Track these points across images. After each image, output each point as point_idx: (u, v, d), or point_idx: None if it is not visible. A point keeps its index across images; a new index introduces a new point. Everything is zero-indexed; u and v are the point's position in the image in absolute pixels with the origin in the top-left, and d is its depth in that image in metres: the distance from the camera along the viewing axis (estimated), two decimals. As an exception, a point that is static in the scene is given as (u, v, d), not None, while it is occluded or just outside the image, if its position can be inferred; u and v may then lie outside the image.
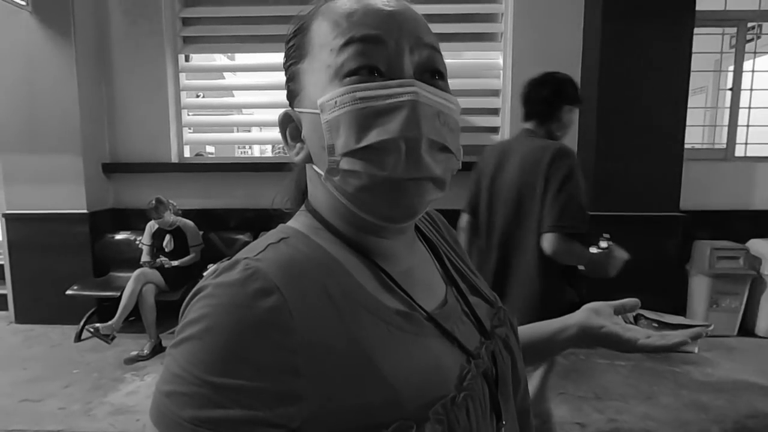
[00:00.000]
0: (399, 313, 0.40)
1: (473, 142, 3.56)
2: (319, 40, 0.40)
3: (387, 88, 0.37)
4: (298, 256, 0.38)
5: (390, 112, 0.36)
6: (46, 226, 3.39)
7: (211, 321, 0.33)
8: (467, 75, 3.60)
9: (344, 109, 0.37)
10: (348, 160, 0.37)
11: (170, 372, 0.34)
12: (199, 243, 3.25)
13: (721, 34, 3.60)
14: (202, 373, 0.32)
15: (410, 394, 0.36)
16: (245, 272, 0.35)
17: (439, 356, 0.40)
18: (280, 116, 0.44)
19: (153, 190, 3.32)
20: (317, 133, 0.39)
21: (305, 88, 0.41)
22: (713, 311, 3.18)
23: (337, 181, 0.39)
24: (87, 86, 3.38)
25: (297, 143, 0.43)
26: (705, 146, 3.80)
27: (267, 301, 0.34)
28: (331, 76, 0.38)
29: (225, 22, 3.51)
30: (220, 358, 0.32)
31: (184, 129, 3.67)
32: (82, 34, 3.32)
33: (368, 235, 0.42)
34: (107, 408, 2.31)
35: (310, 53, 0.41)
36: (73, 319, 3.24)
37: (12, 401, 2.37)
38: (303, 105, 0.41)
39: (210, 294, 0.35)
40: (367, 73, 0.38)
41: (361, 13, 0.39)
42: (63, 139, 3.32)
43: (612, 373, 2.68)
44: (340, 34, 0.38)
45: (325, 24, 0.40)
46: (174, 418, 0.32)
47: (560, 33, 3.32)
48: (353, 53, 0.37)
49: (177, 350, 0.34)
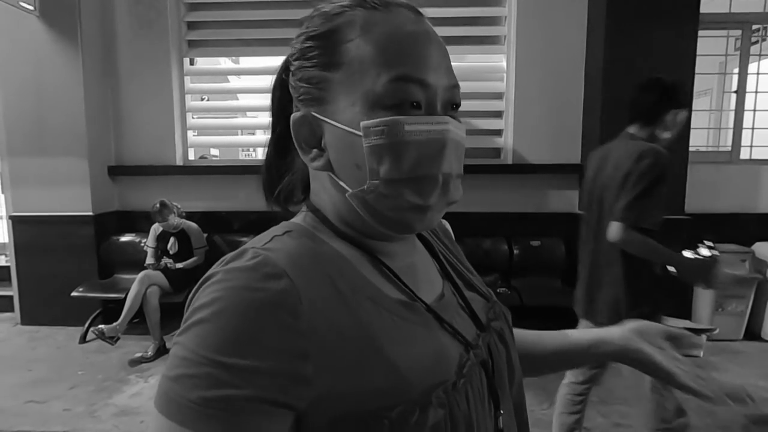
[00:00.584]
0: (401, 304, 0.42)
1: (477, 145, 3.57)
2: (361, 60, 0.40)
3: (428, 123, 0.40)
4: (303, 248, 0.40)
5: (430, 146, 0.40)
6: (52, 229, 3.42)
7: (222, 303, 0.34)
8: (471, 78, 3.60)
9: (391, 138, 0.39)
10: (389, 185, 0.39)
11: (178, 357, 0.34)
12: (203, 245, 3.27)
13: (725, 36, 3.59)
14: (212, 354, 0.33)
15: (414, 379, 0.38)
16: (255, 259, 0.37)
17: (440, 345, 0.42)
18: (296, 118, 0.43)
19: (158, 192, 3.34)
20: (352, 150, 0.40)
21: (336, 102, 0.41)
22: (719, 315, 3.16)
23: (370, 199, 0.40)
24: (93, 90, 3.41)
25: (313, 149, 0.43)
26: (710, 149, 3.78)
27: (277, 284, 0.36)
28: (373, 102, 0.39)
29: (229, 26, 3.53)
30: (231, 338, 0.33)
31: (189, 132, 3.69)
32: (88, 38, 3.36)
33: (371, 238, 0.45)
34: (112, 409, 2.33)
35: (348, 67, 0.40)
36: (79, 321, 3.26)
37: (18, 402, 2.39)
38: (332, 117, 0.41)
39: (221, 279, 0.36)
40: (409, 107, 0.40)
41: (406, 44, 0.40)
42: (69, 142, 3.35)
43: (617, 376, 2.65)
44: (386, 64, 0.39)
45: (367, 46, 0.40)
46: (182, 401, 0.33)
47: (564, 36, 3.32)
48: (399, 89, 0.39)
49: (185, 336, 0.35)
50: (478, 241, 3.40)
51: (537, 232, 3.43)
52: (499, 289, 3.15)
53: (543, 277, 3.34)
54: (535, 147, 3.44)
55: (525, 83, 3.38)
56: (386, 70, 0.39)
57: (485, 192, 3.48)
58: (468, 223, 3.42)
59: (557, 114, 3.41)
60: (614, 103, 3.08)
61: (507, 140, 3.48)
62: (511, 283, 3.30)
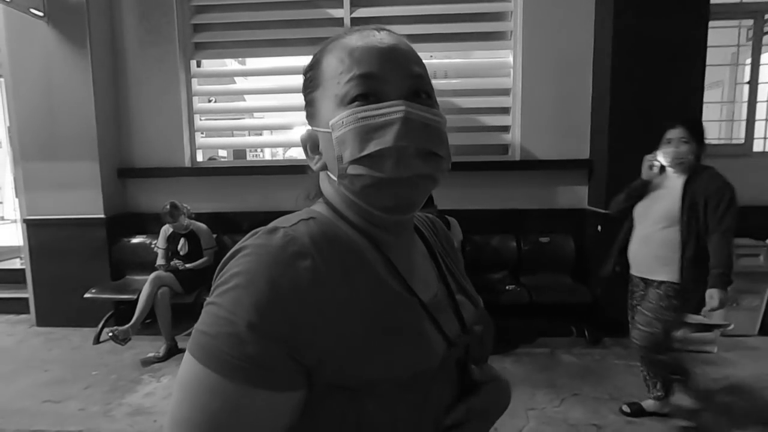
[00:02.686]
0: (401, 297, 0.49)
1: (484, 142, 3.56)
2: (329, 73, 0.49)
3: (380, 108, 0.46)
4: (325, 233, 0.47)
5: (385, 127, 0.46)
6: (65, 231, 3.47)
7: (256, 274, 0.40)
8: (477, 74, 3.58)
9: (349, 127, 0.46)
10: (354, 166, 0.47)
11: (217, 316, 0.40)
12: (212, 246, 3.29)
13: (737, 26, 3.52)
14: (247, 315, 0.39)
15: (403, 362, 0.45)
16: (285, 238, 0.43)
17: (428, 338, 0.49)
18: (303, 135, 0.54)
19: (167, 194, 3.38)
20: (330, 147, 0.49)
21: (320, 112, 0.51)
22: (733, 310, 3.11)
23: (346, 183, 0.48)
24: (102, 94, 3.46)
25: (315, 155, 0.53)
26: (722, 142, 3.72)
27: (303, 262, 0.42)
28: (338, 102, 0.48)
29: (235, 27, 3.55)
30: (263, 304, 0.39)
31: (197, 134, 3.72)
32: (97, 43, 3.40)
33: (373, 226, 0.51)
34: (125, 409, 2.36)
35: (323, 84, 0.50)
36: (92, 322, 3.31)
37: (35, 402, 2.43)
38: (319, 125, 0.51)
39: (254, 252, 0.42)
40: (365, 99, 0.47)
41: (360, 51, 0.48)
42: (80, 146, 3.40)
43: (628, 374, 2.64)
44: (345, 70, 0.48)
45: (333, 60, 0.49)
46: (223, 356, 0.39)
47: (571, 30, 3.28)
48: (354, 85, 0.47)
49: (222, 298, 0.41)
50: (486, 238, 3.38)
51: (546, 229, 3.40)
52: (507, 286, 3.14)
53: (552, 273, 3.31)
54: (543, 143, 3.41)
55: (532, 79, 3.35)
56: (346, 73, 0.47)
57: (493, 189, 3.46)
58: (476, 220, 3.41)
59: (565, 109, 3.37)
60: (623, 97, 3.04)
61: (514, 136, 3.45)
62: (520, 280, 3.28)
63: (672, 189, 2.05)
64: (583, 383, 2.55)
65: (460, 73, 3.66)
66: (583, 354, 2.93)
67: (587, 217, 3.37)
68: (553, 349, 3.00)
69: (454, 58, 3.72)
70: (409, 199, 0.48)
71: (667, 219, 2.03)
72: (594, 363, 2.81)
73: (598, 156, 3.24)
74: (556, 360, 2.86)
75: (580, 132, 3.36)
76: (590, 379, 2.61)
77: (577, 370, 2.72)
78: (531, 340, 3.12)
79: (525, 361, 2.82)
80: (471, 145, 3.53)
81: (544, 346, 3.05)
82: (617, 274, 2.26)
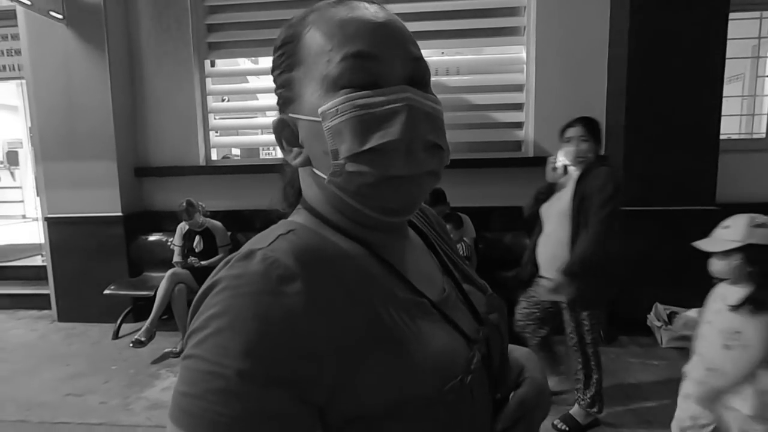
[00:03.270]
0: (409, 302, 0.42)
1: (497, 138, 3.53)
2: (314, 49, 0.41)
3: (383, 95, 0.39)
4: (310, 247, 0.40)
5: (388, 117, 0.39)
6: (84, 229, 3.56)
7: (239, 311, 0.33)
8: (490, 71, 3.56)
9: (345, 116, 0.39)
10: (352, 162, 0.39)
11: (199, 371, 0.33)
12: (227, 243, 3.34)
13: (758, 18, 3.43)
14: (238, 363, 0.32)
15: (424, 377, 0.38)
16: (265, 261, 0.36)
17: (447, 342, 0.43)
18: (275, 122, 0.45)
19: (182, 192, 3.43)
20: (318, 138, 0.41)
21: (302, 96, 0.42)
22: (753, 309, 3.04)
23: (339, 182, 0.41)
24: (119, 94, 3.52)
25: (294, 148, 0.45)
26: (742, 136, 3.64)
27: (291, 287, 0.35)
28: (328, 85, 0.40)
29: (248, 27, 3.58)
30: (254, 346, 0.32)
31: (211, 132, 3.77)
32: (114, 44, 3.46)
33: (365, 228, 0.44)
34: (144, 403, 2.41)
35: (305, 62, 0.42)
36: (111, 318, 3.39)
37: (58, 396, 2.50)
38: (300, 112, 0.42)
39: (230, 286, 0.35)
40: (363, 83, 0.40)
41: (354, 26, 0.40)
42: (98, 145, 3.47)
43: (644, 372, 2.60)
44: (336, 46, 0.40)
45: (318, 34, 0.41)
46: (216, 418, 0.31)
47: (586, 24, 3.23)
48: (349, 66, 0.40)
49: (202, 348, 0.33)
50: (498, 235, 3.36)
51: (560, 226, 3.36)
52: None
53: (567, 271, 3.27)
54: (557, 139, 3.36)
55: (545, 74, 3.32)
56: (336, 51, 0.40)
57: (505, 186, 3.43)
58: (488, 217, 3.39)
59: (579, 105, 3.32)
60: (640, 92, 2.99)
61: (527, 133, 3.42)
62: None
63: (569, 188, 2.05)
64: (598, 382, 2.52)
65: (472, 69, 3.63)
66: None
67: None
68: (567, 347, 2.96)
69: (466, 54, 3.69)
70: (415, 199, 0.42)
71: (562, 217, 2.02)
72: (609, 361, 2.77)
73: (614, 152, 3.19)
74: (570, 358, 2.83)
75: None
76: (606, 377, 2.57)
77: (591, 369, 2.69)
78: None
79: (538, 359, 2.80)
80: (483, 142, 3.51)
81: (559, 344, 3.02)
82: (531, 277, 2.23)
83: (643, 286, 3.05)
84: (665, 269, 3.04)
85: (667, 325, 2.89)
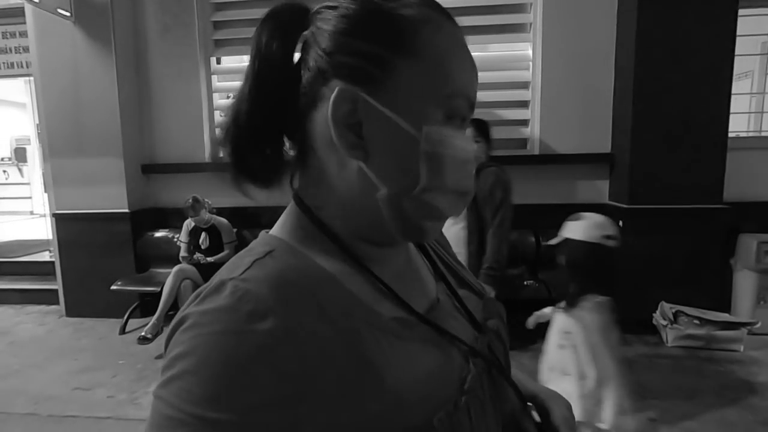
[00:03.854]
0: (395, 320, 0.40)
1: (503, 136, 3.51)
2: (438, 60, 0.38)
3: (469, 142, 0.41)
4: (287, 272, 0.36)
5: (466, 163, 0.41)
6: (92, 225, 3.59)
7: (204, 352, 0.31)
8: (495, 68, 3.54)
9: (449, 150, 0.38)
10: (434, 194, 0.39)
11: (162, 415, 0.31)
12: (233, 240, 3.36)
13: (768, 14, 3.39)
14: (201, 411, 0.30)
15: (414, 403, 0.36)
16: (234, 295, 0.33)
17: (439, 359, 0.40)
18: (342, 91, 0.37)
19: (188, 189, 3.44)
20: (400, 149, 0.38)
21: (396, 92, 0.37)
22: (760, 308, 3.02)
23: (408, 205, 0.39)
24: (126, 91, 3.54)
25: (350, 133, 0.38)
26: (751, 134, 3.60)
27: (262, 324, 0.32)
28: (434, 107, 0.38)
29: (254, 24, 3.54)
30: (219, 391, 0.30)
31: (217, 130, 3.78)
32: (121, 42, 3.48)
33: (364, 242, 0.42)
34: (151, 397, 2.43)
35: (421, 60, 0.38)
36: (118, 313, 3.42)
37: (66, 390, 2.53)
38: (388, 106, 0.37)
39: (197, 323, 0.32)
40: (458, 122, 0.41)
41: (470, 66, 0.41)
42: (105, 142, 3.50)
43: (652, 371, 2.59)
44: (457, 75, 0.39)
45: (442, 48, 0.39)
46: None
47: (593, 20, 3.21)
48: (461, 104, 0.40)
49: (167, 390, 0.31)
50: (504, 233, 3.35)
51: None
52: (526, 281, 3.11)
53: (572, 269, 3.27)
54: (563, 136, 3.36)
55: (552, 71, 3.30)
56: (457, 80, 0.39)
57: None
58: (494, 215, 3.38)
59: (586, 102, 3.31)
60: (647, 89, 2.97)
61: (533, 130, 3.41)
62: (539, 275, 3.24)
63: None
64: (602, 380, 2.51)
65: (477, 66, 3.58)
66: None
67: (608, 213, 3.28)
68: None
69: (472, 51, 3.65)
70: (438, 234, 0.45)
71: (458, 216, 2.10)
72: (614, 360, 2.76)
73: (620, 150, 3.17)
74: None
75: (601, 125, 3.30)
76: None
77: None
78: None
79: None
80: (489, 140, 3.50)
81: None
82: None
83: (649, 284, 3.04)
84: (671, 268, 3.03)
85: (673, 323, 2.88)
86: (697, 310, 2.88)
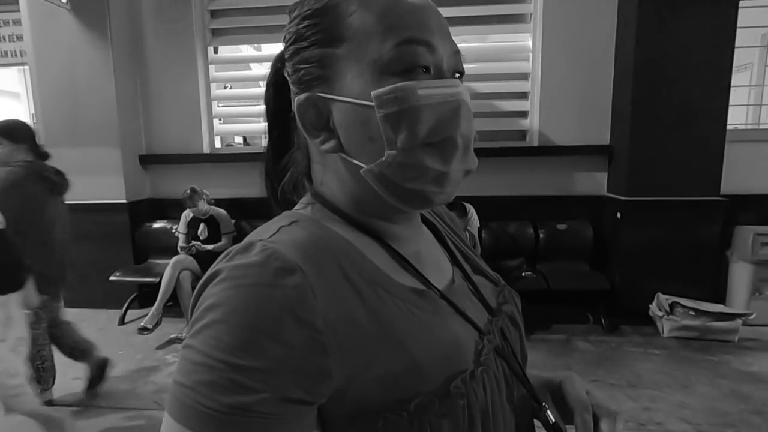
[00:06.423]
0: (414, 292, 0.41)
1: (502, 128, 3.51)
2: (362, 29, 0.38)
3: (441, 86, 0.39)
4: (312, 237, 0.39)
5: (446, 110, 0.38)
6: (90, 216, 3.56)
7: (235, 303, 0.33)
8: (495, 58, 3.52)
9: (406, 104, 0.37)
10: (408, 153, 0.38)
11: (192, 362, 0.32)
12: (231, 230, 3.35)
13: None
14: (229, 356, 0.31)
15: (431, 368, 0.37)
16: (263, 252, 0.35)
17: (455, 332, 0.41)
18: (301, 101, 0.41)
19: (186, 180, 3.43)
20: (362, 124, 0.39)
21: (342, 77, 0.39)
22: (756, 299, 3.05)
23: (389, 173, 0.38)
24: (123, 81, 3.51)
25: (322, 133, 0.41)
26: (749, 127, 3.61)
27: (291, 279, 0.34)
28: (381, 69, 0.38)
29: (251, 12, 3.54)
30: (247, 339, 0.31)
31: (215, 120, 3.76)
32: (117, 31, 3.44)
33: (379, 220, 0.44)
34: (151, 387, 2.45)
35: (351, 41, 0.39)
36: (117, 304, 3.43)
37: (66, 379, 2.53)
38: (339, 93, 0.39)
39: (228, 277, 0.34)
40: (419, 71, 0.38)
41: (409, 9, 0.39)
42: (102, 133, 3.47)
43: (646, 361, 2.62)
44: (390, 29, 0.38)
45: (367, 13, 0.39)
46: (201, 409, 0.31)
47: (593, 11, 3.19)
48: (408, 53, 0.38)
49: (198, 338, 0.33)
50: (503, 224, 3.36)
51: (563, 215, 3.37)
52: (524, 273, 3.13)
53: (569, 260, 3.29)
54: (562, 128, 3.36)
55: (552, 62, 3.28)
56: (392, 35, 0.38)
57: (510, 175, 3.42)
58: (493, 206, 3.39)
59: (585, 94, 3.30)
60: (647, 81, 2.96)
61: (533, 122, 3.40)
62: (537, 267, 3.27)
63: None
64: (599, 370, 2.55)
65: (477, 57, 3.59)
66: (599, 341, 2.92)
67: (606, 204, 3.32)
68: (569, 336, 2.99)
69: (471, 42, 3.65)
70: (450, 197, 0.41)
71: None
72: (610, 350, 2.79)
73: (619, 142, 3.18)
74: (572, 347, 2.86)
75: (600, 117, 3.30)
76: (607, 365, 2.60)
77: (593, 357, 2.71)
78: (547, 327, 3.11)
79: (541, 348, 2.83)
80: (488, 131, 3.49)
81: (561, 333, 3.04)
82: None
83: (646, 275, 3.07)
84: (668, 259, 3.05)
85: (669, 314, 2.91)
86: (692, 301, 2.91)
